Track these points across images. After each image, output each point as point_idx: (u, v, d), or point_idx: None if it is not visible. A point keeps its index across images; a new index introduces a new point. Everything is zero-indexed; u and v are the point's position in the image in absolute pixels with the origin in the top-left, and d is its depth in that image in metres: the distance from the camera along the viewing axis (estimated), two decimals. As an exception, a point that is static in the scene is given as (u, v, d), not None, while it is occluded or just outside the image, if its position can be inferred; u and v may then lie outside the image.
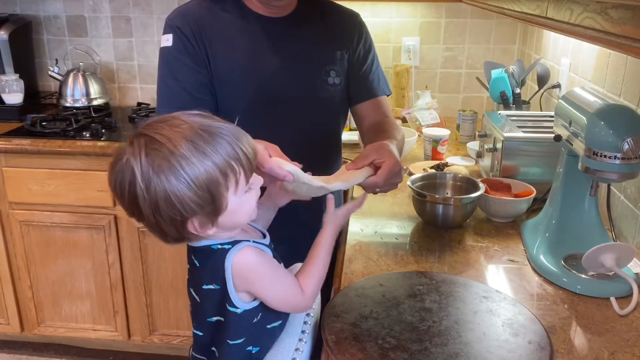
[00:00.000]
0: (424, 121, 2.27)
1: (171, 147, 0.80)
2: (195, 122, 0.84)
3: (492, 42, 2.50)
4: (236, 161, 0.84)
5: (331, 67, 1.35)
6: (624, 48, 0.69)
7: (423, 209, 1.47)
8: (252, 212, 0.92)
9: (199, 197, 0.82)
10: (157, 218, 0.83)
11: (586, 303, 1.13)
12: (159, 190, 0.80)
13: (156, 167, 0.80)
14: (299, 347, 0.99)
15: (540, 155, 1.54)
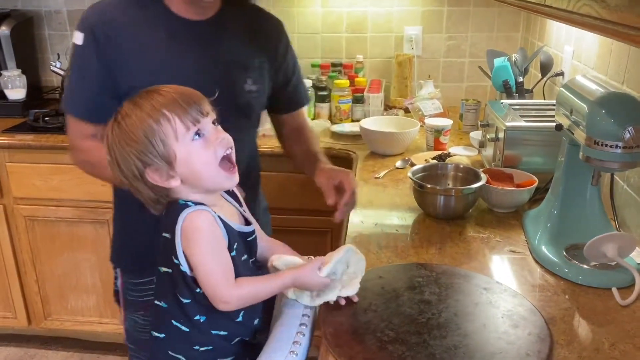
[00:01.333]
0: (427, 111, 2.26)
1: (120, 110, 0.97)
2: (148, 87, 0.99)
3: (496, 30, 2.47)
4: (169, 110, 0.93)
5: (249, 73, 1.33)
6: (621, 36, 0.68)
7: (424, 200, 1.46)
8: (213, 168, 0.97)
9: (140, 145, 0.93)
10: (125, 176, 0.96)
11: (588, 294, 1.12)
12: (115, 149, 0.96)
13: (113, 132, 0.96)
14: (297, 340, 0.99)
15: (542, 144, 1.53)
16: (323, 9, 2.50)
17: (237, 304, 0.99)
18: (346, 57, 2.56)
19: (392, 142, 1.91)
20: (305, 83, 1.58)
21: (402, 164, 1.83)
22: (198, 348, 1.03)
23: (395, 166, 1.82)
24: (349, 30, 2.52)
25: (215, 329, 1.03)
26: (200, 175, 0.97)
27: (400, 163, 1.83)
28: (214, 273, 0.96)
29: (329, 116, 2.36)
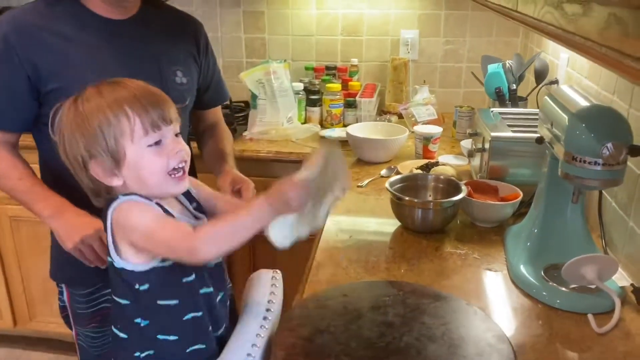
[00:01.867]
0: (420, 117, 2.19)
1: (85, 92, 0.93)
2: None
3: (494, 35, 2.39)
4: (131, 108, 0.89)
5: (177, 67, 1.35)
6: (579, 47, 0.61)
7: (401, 212, 1.39)
8: (160, 176, 0.92)
9: (91, 134, 0.89)
10: (69, 160, 0.92)
11: (563, 319, 1.05)
12: (65, 130, 0.91)
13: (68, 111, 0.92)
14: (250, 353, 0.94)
15: (529, 156, 1.45)
16: (318, 11, 2.44)
17: (204, 247, 0.87)
18: (341, 61, 2.50)
19: (378, 149, 1.85)
20: (224, 80, 1.60)
21: (388, 172, 1.76)
22: (139, 354, 0.97)
23: (380, 174, 1.76)
24: (344, 32, 2.46)
25: (162, 332, 0.96)
26: (146, 182, 0.93)
27: (385, 171, 1.77)
28: (161, 231, 0.89)
29: (320, 120, 2.30)
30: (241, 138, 2.14)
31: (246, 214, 0.88)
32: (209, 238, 0.88)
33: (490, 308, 1.09)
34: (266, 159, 2.01)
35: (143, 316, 0.96)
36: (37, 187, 1.25)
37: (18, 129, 1.28)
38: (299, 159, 1.99)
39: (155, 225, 0.90)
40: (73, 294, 1.35)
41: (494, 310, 1.08)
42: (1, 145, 1.27)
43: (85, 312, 1.35)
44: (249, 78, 2.15)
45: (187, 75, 1.36)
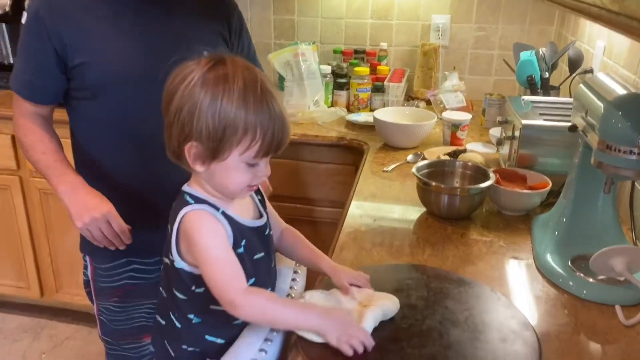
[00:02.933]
0: (449, 104, 2.16)
1: (229, 78, 0.87)
2: (264, 80, 0.90)
3: (528, 23, 2.34)
4: (262, 132, 0.87)
5: (206, 47, 1.29)
6: (623, 28, 0.60)
7: (427, 198, 1.38)
8: (240, 189, 0.94)
9: (212, 127, 0.87)
10: (175, 118, 0.89)
11: (590, 310, 1.04)
12: (193, 98, 0.87)
13: (206, 81, 0.88)
14: (269, 337, 0.94)
15: (559, 145, 1.43)
16: (348, -7, 2.42)
17: (244, 310, 0.88)
18: (370, 45, 2.47)
19: (405, 134, 1.84)
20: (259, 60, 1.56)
21: (414, 158, 1.75)
22: (186, 347, 0.99)
23: (407, 160, 1.75)
24: (374, 16, 2.44)
25: (211, 334, 0.98)
26: (225, 186, 0.93)
27: (411, 157, 1.76)
28: (219, 270, 0.90)
29: (346, 104, 2.29)
30: (268, 119, 2.14)
31: (301, 315, 0.91)
32: (255, 308, 0.89)
33: (515, 296, 1.08)
34: (292, 142, 1.97)
35: (196, 314, 0.97)
36: (57, 163, 1.27)
37: (49, 101, 1.30)
38: (324, 142, 1.99)
39: (215, 258, 0.90)
40: (96, 268, 1.38)
41: (518, 298, 1.07)
42: (33, 117, 1.30)
43: (107, 287, 1.37)
44: (277, 59, 2.15)
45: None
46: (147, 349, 1.43)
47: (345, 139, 1.97)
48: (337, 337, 0.87)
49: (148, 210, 1.27)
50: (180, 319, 0.99)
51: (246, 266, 0.94)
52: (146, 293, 1.38)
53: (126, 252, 1.31)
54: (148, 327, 1.40)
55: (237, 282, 0.90)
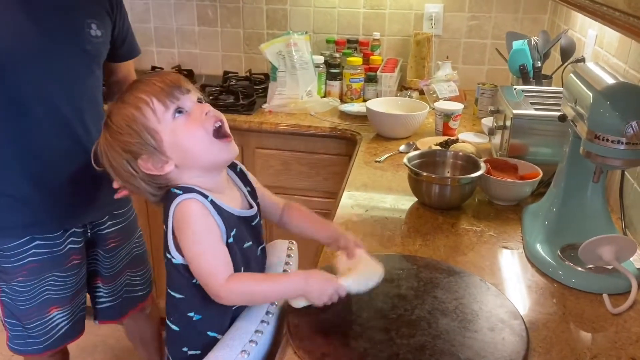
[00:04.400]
0: (442, 94, 2.16)
1: (108, 112, 0.98)
2: None
3: (521, 12, 2.33)
4: (145, 93, 0.92)
5: (92, 19, 1.33)
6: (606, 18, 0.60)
7: (418, 188, 1.39)
8: (205, 142, 0.93)
9: (125, 136, 0.92)
10: (123, 179, 0.96)
11: (578, 298, 1.05)
12: (106, 153, 0.95)
13: (104, 137, 0.97)
14: (259, 329, 0.95)
15: (551, 135, 1.43)
16: (341, -17, 2.41)
17: (230, 298, 0.92)
18: (363, 34, 2.47)
19: (398, 125, 1.84)
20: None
21: (406, 148, 1.75)
22: (186, 350, 0.99)
23: (399, 150, 1.75)
24: (367, 5, 2.43)
25: (212, 329, 0.98)
26: (192, 153, 0.93)
27: (404, 147, 1.76)
28: (204, 262, 0.91)
29: (339, 95, 2.28)
30: (260, 110, 2.14)
31: (280, 286, 0.95)
32: (238, 293, 0.92)
33: (505, 285, 1.09)
34: (284, 132, 2.01)
35: (196, 310, 0.97)
36: None
37: None
38: (317, 133, 1.99)
39: (201, 250, 0.91)
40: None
41: (508, 287, 1.08)
42: None
43: (10, 267, 1.35)
44: (269, 49, 2.14)
45: (102, 29, 1.35)
46: (52, 323, 1.43)
47: (338, 130, 1.97)
48: (317, 297, 0.93)
49: (50, 185, 1.31)
50: (178, 321, 0.99)
51: (237, 256, 0.95)
52: (51, 266, 1.38)
53: (28, 229, 1.33)
54: (53, 299, 1.41)
55: (220, 273, 0.91)
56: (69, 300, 1.45)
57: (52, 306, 1.42)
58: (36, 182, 1.31)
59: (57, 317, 1.44)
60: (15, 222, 1.33)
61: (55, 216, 1.36)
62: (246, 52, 2.60)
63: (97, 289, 1.58)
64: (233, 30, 2.58)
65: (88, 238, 1.47)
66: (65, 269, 1.42)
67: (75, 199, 1.37)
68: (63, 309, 1.44)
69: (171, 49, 2.66)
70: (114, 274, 1.57)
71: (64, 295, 1.43)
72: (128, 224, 1.57)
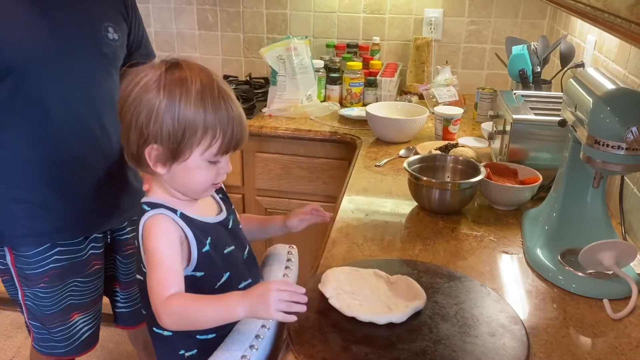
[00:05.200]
0: (442, 98, 2.17)
1: (186, 80, 0.88)
2: (219, 80, 0.92)
3: (521, 17, 2.34)
4: (221, 131, 0.90)
5: (109, 23, 1.34)
6: (608, 25, 0.60)
7: (419, 193, 1.39)
8: (203, 188, 0.95)
9: (171, 129, 0.88)
10: (133, 122, 0.89)
11: (578, 303, 1.05)
12: (150, 102, 0.88)
13: (163, 85, 0.88)
14: (260, 334, 0.95)
15: (551, 139, 1.43)
16: (341, -13, 2.42)
17: (166, 318, 0.87)
18: (363, 39, 2.47)
19: (397, 129, 1.84)
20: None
21: (406, 152, 1.75)
22: (183, 353, 0.99)
23: (399, 154, 1.75)
24: (367, 10, 2.43)
25: (200, 333, 0.98)
26: (188, 187, 0.95)
27: (404, 152, 1.76)
28: (153, 277, 0.89)
29: (339, 99, 2.29)
30: (260, 114, 2.14)
31: (217, 305, 0.87)
32: (174, 313, 0.86)
33: (505, 290, 1.09)
34: (284, 136, 2.01)
35: None
36: None
37: None
38: (317, 137, 1.99)
39: (156, 264, 0.89)
40: (18, 255, 1.33)
41: (508, 292, 1.08)
42: None
43: (32, 274, 1.34)
44: (269, 54, 2.14)
45: (118, 32, 1.35)
46: (75, 328, 1.43)
47: (338, 134, 1.97)
48: (269, 313, 0.83)
49: (71, 190, 1.30)
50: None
51: (217, 263, 0.96)
52: (73, 272, 1.38)
53: (50, 236, 1.32)
54: (75, 305, 1.41)
55: (164, 289, 0.87)
56: (90, 306, 1.45)
57: (75, 312, 1.42)
58: (56, 188, 1.30)
59: (80, 322, 1.44)
60: (36, 230, 1.31)
61: (77, 223, 1.35)
62: (246, 56, 2.61)
63: (116, 293, 1.57)
64: (233, 34, 2.58)
65: (107, 243, 1.47)
66: (87, 275, 1.41)
67: (96, 205, 1.36)
68: (85, 315, 1.44)
69: (170, 53, 2.66)
70: (130, 280, 1.56)
71: (86, 300, 1.43)
72: None
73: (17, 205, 1.29)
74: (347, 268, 1.08)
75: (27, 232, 1.31)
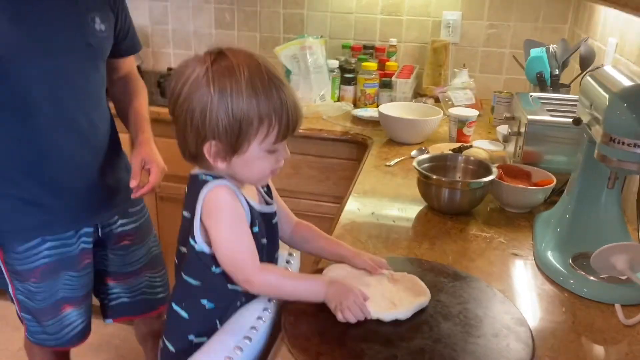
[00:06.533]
0: (458, 101, 2.13)
1: (234, 69, 0.85)
2: (267, 64, 0.89)
3: (541, 21, 2.30)
4: (277, 118, 0.88)
5: (95, 13, 1.30)
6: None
7: (428, 192, 1.35)
8: (263, 176, 0.96)
9: (227, 124, 0.86)
10: (189, 121, 0.88)
11: (589, 308, 1.00)
12: (203, 98, 0.86)
13: (211, 78, 0.86)
14: (255, 326, 0.92)
15: (566, 142, 1.39)
16: (359, -12, 2.40)
17: (259, 286, 0.93)
18: (380, 40, 2.45)
19: (410, 129, 1.81)
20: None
21: (418, 153, 1.72)
22: (192, 339, 0.98)
23: (411, 155, 1.72)
24: (384, 12, 2.41)
25: (220, 320, 0.96)
26: (249, 177, 0.95)
27: (415, 152, 1.73)
28: (238, 249, 0.92)
29: (353, 100, 2.26)
30: (273, 112, 2.13)
31: (304, 285, 0.96)
32: (269, 285, 0.94)
33: (512, 292, 1.05)
34: (296, 135, 1.98)
35: (210, 298, 0.96)
36: None
37: None
38: (328, 137, 1.97)
39: (234, 237, 0.92)
40: (7, 251, 1.32)
41: (515, 294, 1.04)
42: None
43: (23, 269, 1.33)
44: (283, 52, 2.13)
45: (105, 22, 1.32)
46: (67, 321, 1.42)
47: (350, 134, 1.95)
48: (335, 306, 0.91)
49: (59, 185, 1.28)
50: (189, 307, 0.98)
51: (257, 248, 0.95)
52: (64, 266, 1.36)
53: (39, 231, 1.30)
54: (67, 298, 1.39)
55: (253, 260, 0.92)
56: (83, 299, 1.44)
57: (66, 304, 1.41)
58: (45, 182, 1.29)
59: (72, 315, 1.43)
60: (25, 224, 1.30)
61: (66, 216, 1.33)
62: (262, 55, 2.59)
63: (109, 288, 1.54)
64: (250, 34, 2.58)
65: (98, 237, 1.44)
66: (79, 269, 1.40)
67: (85, 199, 1.35)
68: (77, 307, 1.43)
69: (188, 51, 2.67)
70: (129, 272, 1.53)
71: (78, 294, 1.42)
72: (143, 222, 1.54)
73: (5, 200, 1.28)
74: (348, 267, 1.04)
75: (16, 227, 1.30)
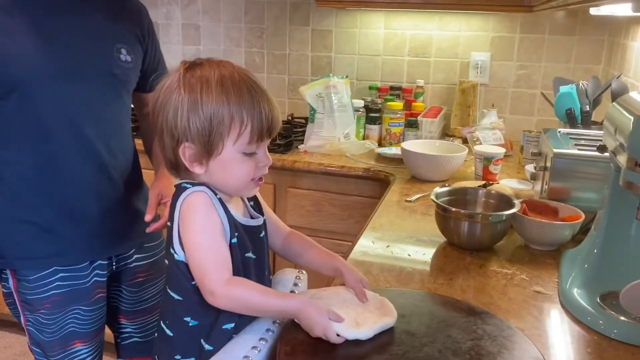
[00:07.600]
0: (486, 141, 2.07)
1: (205, 74, 0.88)
2: (241, 69, 0.91)
3: (573, 61, 2.25)
4: (248, 115, 0.87)
5: (122, 44, 1.30)
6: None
7: (446, 225, 1.29)
8: (243, 183, 0.92)
9: (199, 123, 0.87)
10: (163, 125, 0.90)
11: (618, 350, 0.91)
12: (173, 100, 0.88)
13: (183, 82, 0.88)
14: (256, 346, 0.87)
15: (595, 177, 1.31)
16: (386, 31, 2.41)
17: (222, 300, 0.87)
18: (407, 81, 2.44)
19: (432, 165, 1.76)
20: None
21: (440, 190, 1.66)
22: (179, 358, 0.93)
23: (433, 192, 1.66)
24: (412, 53, 2.41)
25: (207, 341, 0.92)
26: (227, 183, 0.92)
27: (437, 189, 1.66)
28: (204, 257, 0.88)
29: (378, 139, 2.24)
30: (295, 150, 2.12)
31: (277, 303, 0.90)
32: (234, 299, 0.88)
33: (532, 331, 0.96)
34: (316, 171, 1.97)
35: (192, 316, 0.92)
36: None
37: None
38: (350, 173, 1.93)
39: (203, 244, 0.88)
40: (20, 279, 1.29)
41: (535, 333, 0.95)
42: None
43: (34, 299, 1.29)
44: (309, 92, 2.14)
45: (131, 54, 1.32)
46: (76, 357, 1.36)
47: (371, 170, 1.91)
48: (310, 329, 0.87)
49: (75, 213, 1.26)
50: (173, 325, 0.94)
51: (235, 260, 0.91)
52: (75, 299, 1.31)
53: (52, 260, 1.27)
54: (77, 334, 1.34)
55: (220, 271, 0.87)
56: (93, 336, 1.38)
57: (77, 340, 1.36)
58: (59, 210, 1.27)
59: (82, 352, 1.37)
60: (38, 252, 1.28)
61: (80, 247, 1.31)
62: (290, 98, 2.62)
63: (121, 326, 1.50)
64: (278, 76, 2.62)
65: (113, 271, 1.41)
66: (91, 303, 1.35)
67: (100, 229, 1.32)
68: (88, 345, 1.38)
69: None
70: (141, 309, 1.48)
71: (88, 330, 1.37)
72: (159, 258, 1.49)
73: (19, 225, 1.26)
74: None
75: (29, 254, 1.27)
